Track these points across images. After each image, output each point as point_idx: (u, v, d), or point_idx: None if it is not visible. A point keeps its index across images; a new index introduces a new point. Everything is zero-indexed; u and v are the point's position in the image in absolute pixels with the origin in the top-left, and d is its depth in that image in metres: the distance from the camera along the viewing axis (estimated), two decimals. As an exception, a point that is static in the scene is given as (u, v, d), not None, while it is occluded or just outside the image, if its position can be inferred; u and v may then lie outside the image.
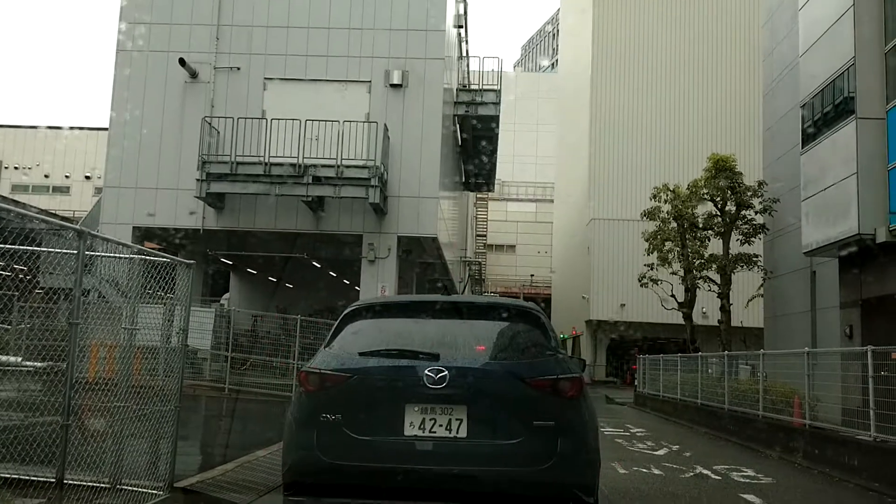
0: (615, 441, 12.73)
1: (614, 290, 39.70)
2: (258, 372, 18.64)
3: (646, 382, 22.99)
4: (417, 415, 4.29)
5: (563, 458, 4.22)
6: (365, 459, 4.29)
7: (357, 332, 4.83)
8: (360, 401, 4.41)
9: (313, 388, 4.56)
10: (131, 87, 21.86)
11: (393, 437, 4.29)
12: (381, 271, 21.13)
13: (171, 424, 6.96)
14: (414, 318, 4.99)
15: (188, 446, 10.08)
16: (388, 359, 4.54)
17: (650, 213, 22.69)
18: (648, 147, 40.15)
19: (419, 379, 4.30)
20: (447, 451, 4.25)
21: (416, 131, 21.32)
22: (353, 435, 4.30)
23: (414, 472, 4.23)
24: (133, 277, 7.00)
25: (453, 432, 4.25)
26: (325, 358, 4.73)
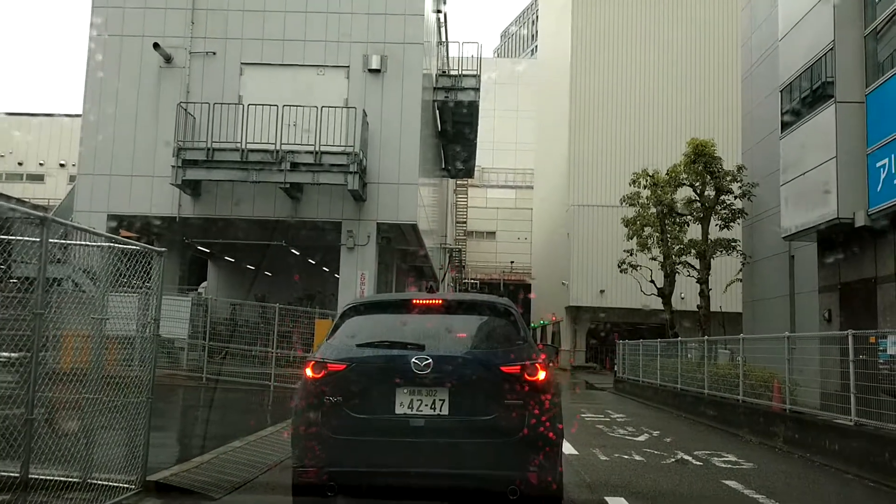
0: (596, 427, 12.71)
1: (594, 277, 39.78)
2: (237, 361, 18.43)
3: (626, 368, 23.04)
4: (406, 396, 5.05)
5: (531, 430, 4.96)
6: (363, 434, 5.03)
7: (354, 327, 5.58)
8: (358, 385, 5.15)
9: (318, 375, 5.23)
10: (105, 72, 21.45)
11: (386, 415, 5.04)
12: (360, 258, 20.96)
13: (144, 417, 6.79)
14: (403, 314, 5.74)
15: (164, 438, 9.92)
16: (381, 349, 5.33)
17: (630, 199, 22.67)
18: (628, 133, 40.17)
19: (408, 366, 5.06)
20: (432, 427, 4.99)
21: (395, 117, 21.11)
22: (352, 414, 5.06)
23: (404, 444, 5.01)
24: (103, 266, 6.79)
25: (437, 410, 5.01)
26: (327, 349, 5.43)
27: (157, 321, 7.14)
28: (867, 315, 13.35)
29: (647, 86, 40.81)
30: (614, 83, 41.32)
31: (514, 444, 4.97)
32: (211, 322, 22.26)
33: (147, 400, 6.84)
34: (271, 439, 9.32)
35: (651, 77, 40.78)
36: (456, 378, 5.10)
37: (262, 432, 9.67)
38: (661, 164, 24.00)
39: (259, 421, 11.18)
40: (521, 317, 5.72)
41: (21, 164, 45.30)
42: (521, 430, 4.97)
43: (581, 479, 7.70)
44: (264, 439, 9.28)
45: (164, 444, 9.36)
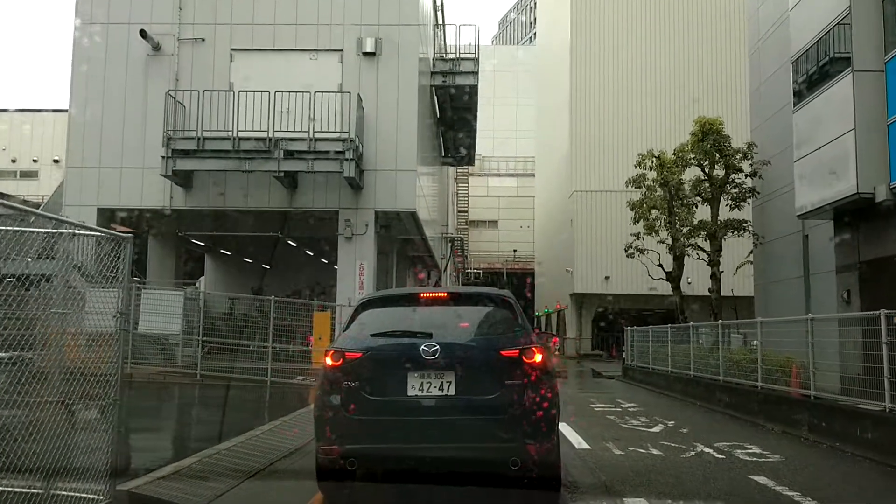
0: (607, 418, 12.07)
1: (598, 263, 39.13)
2: (233, 356, 17.78)
3: (634, 355, 22.37)
4: (417, 379, 5.52)
5: (529, 407, 5.45)
6: (379, 414, 5.51)
7: (368, 319, 6.08)
8: (373, 371, 5.62)
9: (337, 363, 5.70)
10: (91, 61, 20.85)
11: (399, 397, 5.51)
12: (358, 248, 20.35)
13: (111, 420, 6.15)
14: (412, 307, 6.32)
15: (145, 439, 9.31)
16: (393, 338, 5.83)
17: (635, 181, 21.95)
18: (631, 116, 39.40)
19: (417, 353, 5.54)
20: (441, 406, 5.48)
21: (391, 101, 20.47)
22: (369, 396, 5.54)
23: (416, 422, 5.52)
24: (62, 254, 6.15)
25: (445, 392, 5.50)
26: (345, 339, 6.00)
27: (124, 315, 6.43)
28: (890, 294, 12.65)
29: (650, 67, 40.01)
30: (615, 66, 40.53)
31: (515, 420, 5.43)
32: (208, 317, 21.76)
33: (113, 401, 6.18)
34: (261, 440, 8.70)
35: (653, 58, 39.98)
36: (461, 362, 5.57)
37: (253, 432, 9.04)
38: (665, 146, 23.25)
39: (250, 419, 10.56)
40: (519, 306, 6.22)
41: (14, 160, 44.65)
42: (521, 407, 5.44)
43: (596, 478, 7.07)
44: (254, 440, 8.66)
45: (146, 447, 8.76)
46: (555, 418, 5.68)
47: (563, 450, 8.38)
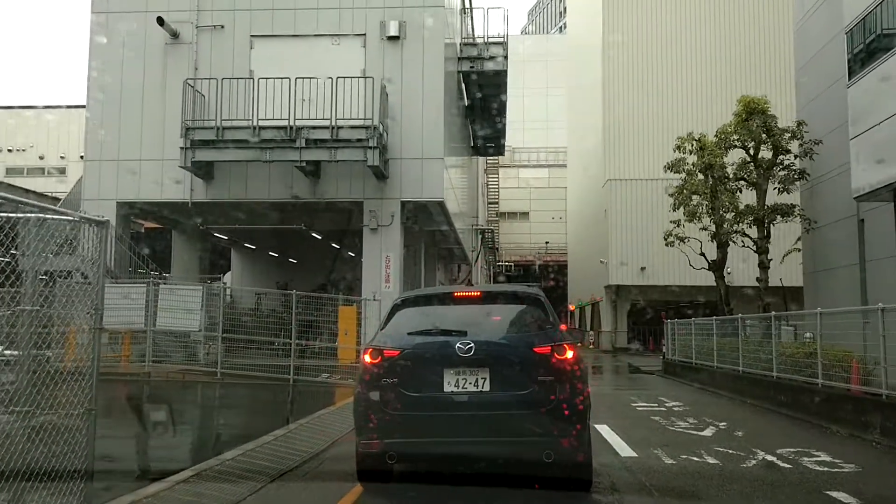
0: (651, 419, 11.10)
1: (634, 254, 37.99)
2: (256, 354, 17.07)
3: (675, 349, 21.24)
4: (453, 376, 5.66)
5: (561, 401, 5.57)
6: (416, 409, 5.65)
7: (404, 317, 6.23)
8: (411, 368, 5.75)
9: (375, 361, 5.84)
10: (108, 52, 20.30)
11: (436, 393, 5.65)
12: (384, 240, 19.56)
13: (84, 435, 5.37)
14: (446, 305, 6.54)
15: (151, 447, 8.62)
16: (429, 336, 5.98)
17: (674, 166, 20.82)
18: (666, 101, 38.07)
19: (453, 350, 5.67)
20: (476, 401, 5.60)
21: (416, 87, 19.62)
22: (407, 392, 5.67)
23: (452, 417, 5.61)
24: (33, 241, 5.37)
25: (480, 387, 5.63)
26: (382, 338, 6.09)
27: (100, 311, 5.67)
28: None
29: (684, 50, 38.68)
30: (648, 50, 39.23)
31: (547, 414, 5.56)
32: (232, 313, 21.11)
33: (88, 413, 5.41)
34: (273, 447, 7.91)
35: (688, 40, 38.61)
36: (495, 359, 5.70)
37: (264, 438, 8.25)
38: (703, 130, 22.05)
39: (266, 423, 9.80)
40: (550, 303, 6.33)
41: (42, 157, 44.59)
42: (553, 401, 5.56)
43: (648, 494, 6.15)
44: (265, 447, 7.87)
45: (147, 456, 8.06)
46: (586, 412, 5.76)
47: (607, 459, 7.55)
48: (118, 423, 10.75)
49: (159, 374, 15.94)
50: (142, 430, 10.25)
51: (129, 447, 8.86)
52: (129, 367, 16.60)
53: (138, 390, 14.95)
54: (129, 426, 10.41)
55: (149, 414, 11.89)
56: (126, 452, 8.42)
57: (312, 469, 7.16)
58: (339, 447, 8.24)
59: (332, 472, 6.97)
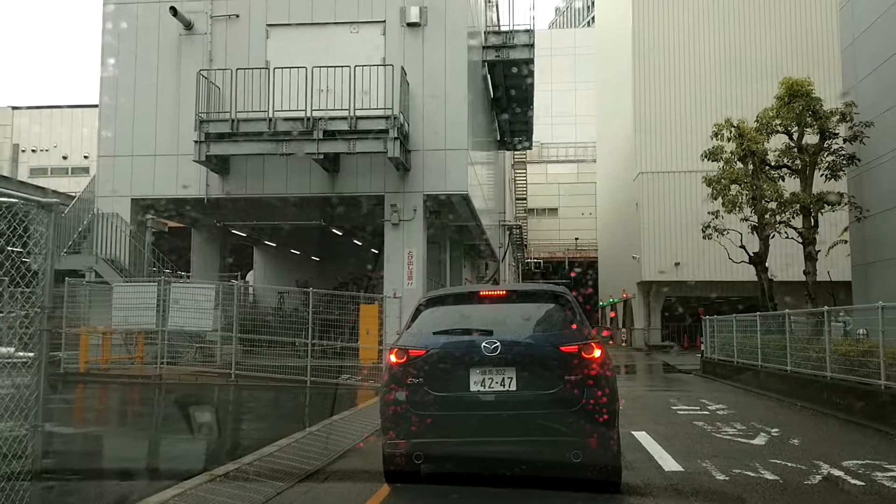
0: (695, 425, 10.12)
1: (667, 248, 36.77)
2: (274, 354, 16.33)
3: (715, 347, 20.12)
4: (479, 375, 5.62)
5: (589, 400, 5.50)
6: (443, 409, 5.61)
7: (429, 317, 6.17)
8: (437, 368, 5.71)
9: (401, 361, 5.80)
10: (121, 44, 19.75)
11: (462, 393, 5.61)
12: (406, 235, 18.74)
13: (28, 454, 4.58)
14: (472, 304, 6.46)
15: (130, 462, 7.85)
16: (455, 336, 5.93)
17: (712, 154, 19.69)
18: (699, 90, 36.77)
19: (479, 349, 5.64)
20: (503, 401, 5.54)
21: (438, 75, 18.79)
22: (433, 392, 5.65)
23: (479, 417, 5.58)
24: None
25: (506, 387, 5.59)
26: (407, 337, 6.04)
27: (45, 309, 4.89)
28: None
29: (717, 38, 37.34)
30: (680, 39, 37.96)
31: (575, 414, 5.46)
32: (250, 312, 20.43)
33: (34, 430, 4.63)
34: (274, 459, 7.10)
35: (721, 28, 37.26)
36: (522, 358, 5.63)
37: (266, 449, 7.45)
38: (740, 118, 20.89)
39: (273, 431, 9.01)
40: (577, 301, 6.25)
41: (66, 157, 44.45)
42: (581, 401, 5.48)
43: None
44: (266, 460, 7.06)
45: (137, 470, 7.29)
46: (615, 412, 5.71)
47: (649, 474, 6.67)
48: (118, 429, 10.06)
49: (171, 376, 15.29)
50: (139, 436, 9.52)
51: (134, 452, 8.15)
52: (143, 370, 16.01)
53: (146, 393, 14.31)
54: (128, 434, 9.71)
55: (152, 419, 11.19)
56: (134, 457, 7.71)
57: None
58: (350, 459, 7.43)
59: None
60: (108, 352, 16.27)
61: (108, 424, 11.36)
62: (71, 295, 16.08)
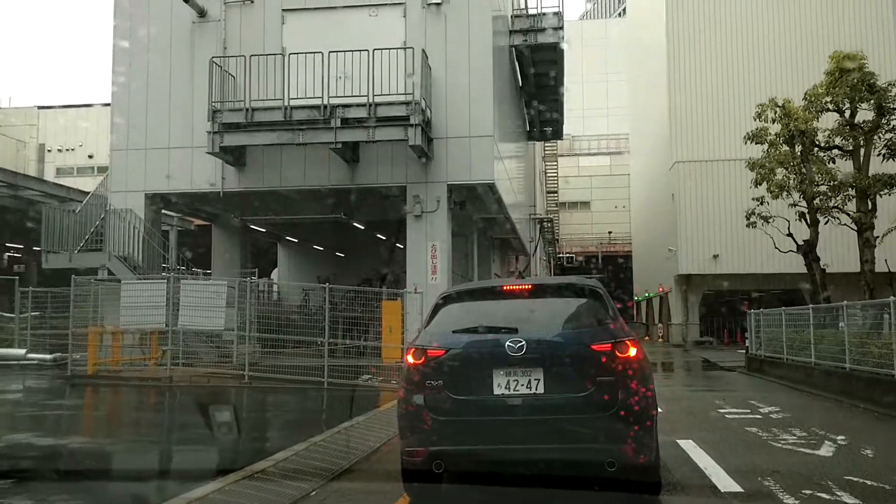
0: (747, 431, 9.00)
1: (705, 240, 35.37)
2: (304, 354, 15.50)
3: (761, 342, 18.84)
4: (503, 377, 5.21)
5: (624, 404, 5.05)
6: (464, 414, 5.25)
7: (449, 314, 5.77)
8: (457, 369, 5.36)
9: (419, 362, 5.45)
10: (133, 33, 19.10)
11: (485, 396, 5.22)
12: (429, 227, 17.81)
13: None
14: (495, 300, 5.95)
15: (131, 475, 7.00)
16: (476, 334, 5.53)
17: (755, 136, 18.41)
18: (737, 74, 35.23)
19: (502, 349, 5.23)
20: (529, 405, 5.15)
21: (462, 59, 17.84)
22: (453, 396, 5.27)
23: (503, 422, 5.18)
24: None
25: (533, 390, 5.17)
26: (426, 337, 5.70)
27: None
28: None
29: (757, 18, 35.76)
30: (717, 21, 36.46)
31: (609, 419, 5.03)
32: (278, 310, 19.68)
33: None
34: (265, 477, 6.18)
35: (761, 7, 35.68)
36: (549, 358, 5.23)
37: (257, 465, 6.53)
38: (784, 97, 19.59)
39: (276, 440, 8.12)
40: (610, 296, 5.78)
41: (91, 156, 44.23)
42: (615, 404, 5.04)
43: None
44: (258, 479, 6.14)
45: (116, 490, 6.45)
46: (653, 416, 5.23)
47: (703, 496, 5.73)
48: (125, 438, 9.25)
49: (183, 378, 14.50)
50: (137, 449, 8.67)
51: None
52: (156, 371, 15.27)
53: (150, 398, 13.54)
54: (130, 444, 8.87)
55: (153, 427, 10.37)
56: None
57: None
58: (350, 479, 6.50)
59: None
60: (119, 353, 15.53)
61: (117, 431, 10.55)
62: (79, 294, 15.40)
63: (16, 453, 7.73)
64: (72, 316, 15.00)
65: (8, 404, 12.65)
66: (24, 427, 9.74)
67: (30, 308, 18.84)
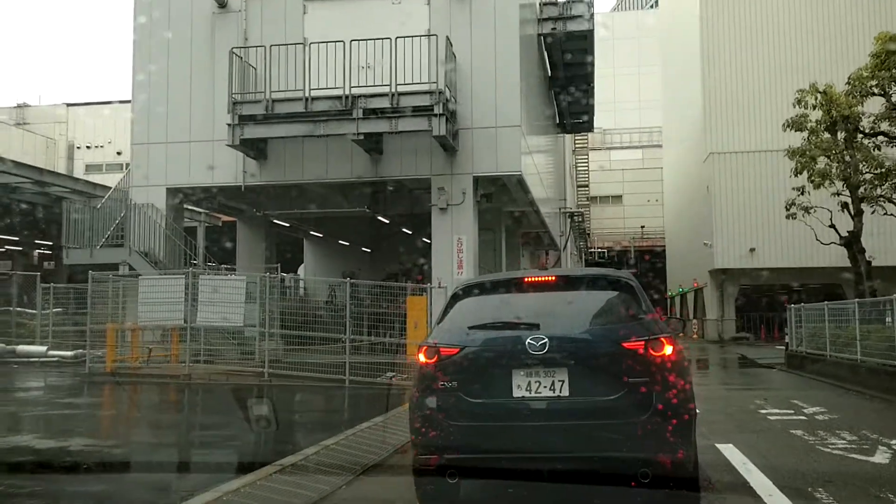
0: (792, 434, 8.34)
1: (741, 233, 34.41)
2: (329, 351, 15.12)
3: (802, 338, 18.04)
4: (524, 378, 4.77)
5: (659, 410, 4.55)
6: (481, 419, 4.79)
7: (465, 309, 5.34)
8: (472, 369, 4.92)
9: (430, 361, 5.04)
10: (153, 25, 18.80)
11: (504, 399, 4.77)
12: (455, 221, 17.29)
13: None
14: (515, 293, 5.47)
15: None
16: (494, 331, 5.05)
17: (795, 123, 17.61)
18: (774, 62, 34.13)
19: (523, 347, 4.77)
20: (553, 409, 4.71)
21: (488, 47, 17.29)
22: (468, 399, 4.83)
23: (524, 428, 4.74)
24: None
25: (556, 392, 4.71)
26: (439, 333, 5.28)
27: None
28: None
29: (795, 3, 34.71)
30: (753, 7, 35.46)
31: (643, 424, 4.57)
32: (304, 306, 19.32)
33: None
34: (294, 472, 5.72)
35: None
36: (575, 357, 4.80)
37: (249, 476, 6.07)
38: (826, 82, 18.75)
39: (284, 444, 7.66)
40: (642, 289, 5.33)
41: (120, 153, 44.31)
42: (649, 408, 4.58)
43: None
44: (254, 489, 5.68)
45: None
46: (692, 422, 4.77)
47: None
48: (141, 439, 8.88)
49: (201, 375, 14.16)
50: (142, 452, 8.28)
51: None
52: (177, 369, 14.95)
53: (165, 395, 13.20)
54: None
55: (164, 429, 9.98)
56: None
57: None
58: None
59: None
60: (138, 350, 15.23)
61: (135, 429, 10.20)
62: (98, 290, 15.14)
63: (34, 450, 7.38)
64: (89, 313, 14.76)
65: (17, 403, 12.40)
66: (34, 427, 9.43)
67: (51, 304, 18.68)
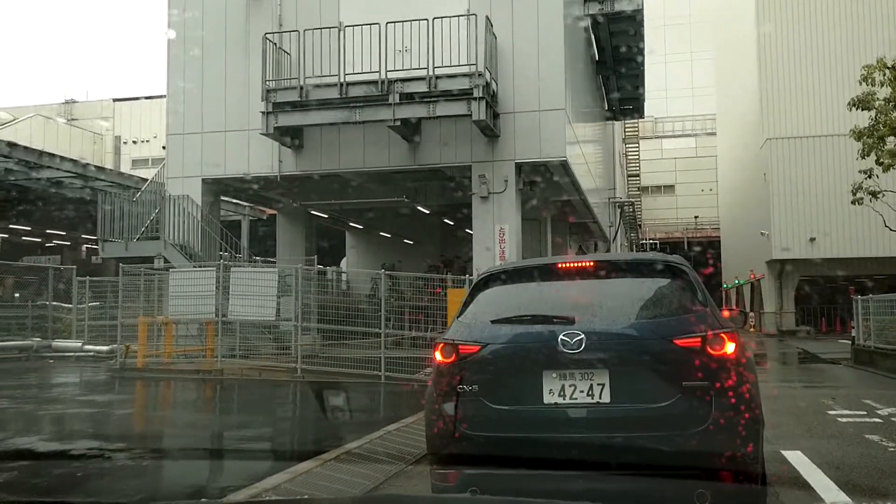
0: (868, 440, 7.41)
1: (801, 222, 32.84)
2: (369, 346, 14.59)
3: (871, 332, 16.85)
4: (556, 381, 4.13)
5: (720, 419, 3.89)
6: (506, 429, 4.17)
7: (489, 300, 4.67)
8: (496, 370, 4.30)
9: (448, 360, 4.41)
10: (187, 12, 18.44)
11: (532, 406, 4.16)
12: (497, 209, 16.55)
13: None
14: (547, 282, 4.76)
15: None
16: (521, 325, 4.39)
17: (861, 102, 16.43)
18: (834, 40, 32.53)
19: (555, 344, 4.13)
20: (590, 418, 4.07)
21: (530, 26, 16.50)
22: (491, 405, 4.20)
23: (556, 440, 4.10)
24: None
25: (595, 398, 4.06)
26: (458, 328, 4.59)
27: None
28: None
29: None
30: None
31: (699, 436, 3.83)
32: (346, 300, 18.83)
33: None
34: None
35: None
36: (617, 357, 4.09)
37: (261, 483, 5.45)
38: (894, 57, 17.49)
39: (301, 448, 7.05)
40: (698, 277, 4.49)
41: (165, 147, 44.53)
42: (707, 417, 3.86)
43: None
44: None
45: None
46: (758, 432, 3.95)
47: None
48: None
49: (233, 371, 13.72)
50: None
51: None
52: (211, 363, 14.57)
53: (193, 391, 12.76)
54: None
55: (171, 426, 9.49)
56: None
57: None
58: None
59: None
60: (170, 344, 14.87)
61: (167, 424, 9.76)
62: (129, 284, 14.84)
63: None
64: (120, 307, 14.44)
65: (52, 399, 12.08)
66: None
67: (87, 298, 18.50)
